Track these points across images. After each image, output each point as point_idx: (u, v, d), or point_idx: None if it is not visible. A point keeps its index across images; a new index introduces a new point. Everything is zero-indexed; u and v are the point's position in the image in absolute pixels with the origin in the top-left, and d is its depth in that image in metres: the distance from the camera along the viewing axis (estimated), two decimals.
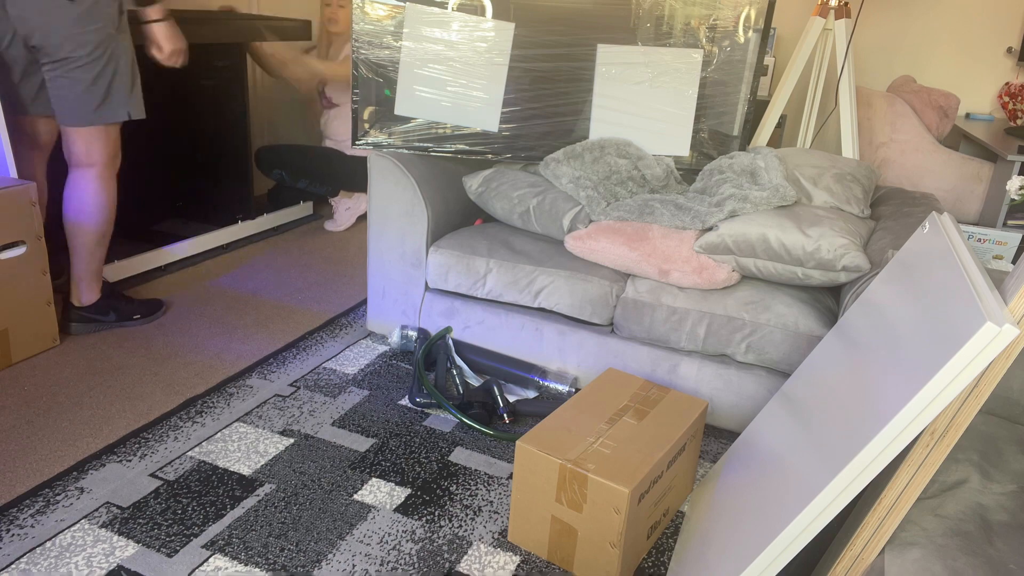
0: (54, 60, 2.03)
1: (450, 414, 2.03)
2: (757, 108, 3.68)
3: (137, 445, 1.84)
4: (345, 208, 3.51)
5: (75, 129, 2.13)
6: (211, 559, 1.50)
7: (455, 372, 2.14)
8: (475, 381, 2.16)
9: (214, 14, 3.00)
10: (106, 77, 2.10)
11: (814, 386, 1.48)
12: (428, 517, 1.66)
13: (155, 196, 3.33)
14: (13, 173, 2.16)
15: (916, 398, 1.00)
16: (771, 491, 1.29)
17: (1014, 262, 2.62)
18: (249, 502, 1.66)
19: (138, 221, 3.16)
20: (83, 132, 2.14)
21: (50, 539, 1.53)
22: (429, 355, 2.22)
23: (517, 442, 1.52)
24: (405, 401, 2.10)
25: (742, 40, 2.34)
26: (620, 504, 1.41)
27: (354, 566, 1.51)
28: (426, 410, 2.06)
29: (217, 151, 3.26)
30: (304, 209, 3.61)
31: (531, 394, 2.16)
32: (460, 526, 1.64)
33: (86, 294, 2.35)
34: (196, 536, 1.56)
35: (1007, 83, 3.83)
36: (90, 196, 2.21)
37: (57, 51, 2.01)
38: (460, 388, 2.10)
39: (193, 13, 3.00)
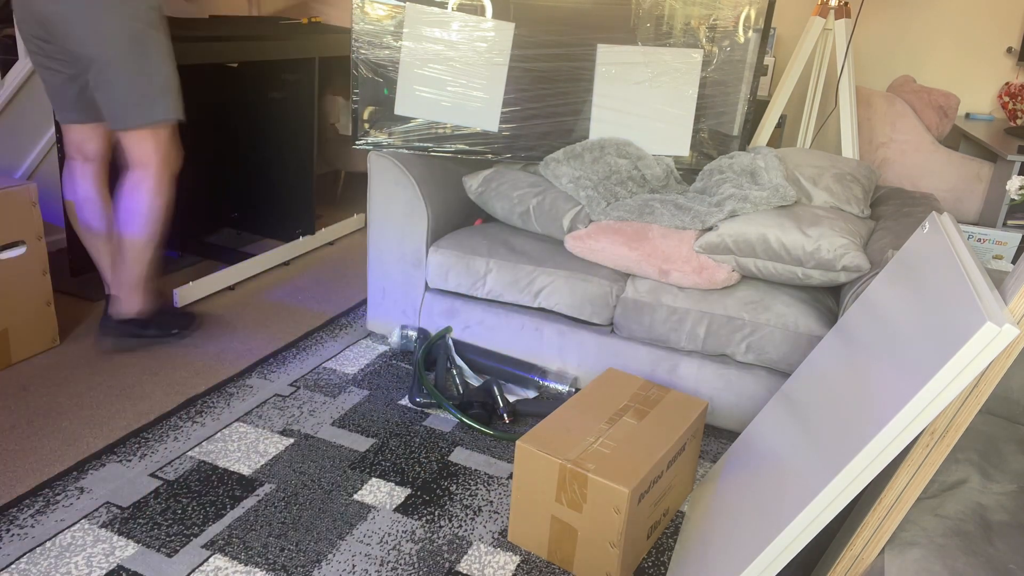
0: (90, 61, 1.94)
1: (450, 414, 2.03)
2: (757, 108, 3.68)
3: (137, 445, 1.84)
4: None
5: (124, 132, 2.05)
6: (211, 559, 1.50)
7: (455, 372, 2.14)
8: (475, 381, 2.16)
9: (286, 28, 2.94)
10: (144, 76, 2.00)
11: (814, 386, 1.47)
12: (428, 517, 1.66)
13: (210, 205, 3.28)
14: None
15: (916, 398, 1.00)
16: (771, 491, 1.29)
17: (1014, 262, 2.62)
18: (249, 502, 1.66)
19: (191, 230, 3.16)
20: (132, 135, 2.05)
21: (50, 539, 1.53)
22: (429, 355, 2.22)
23: (517, 442, 1.52)
24: (405, 401, 2.10)
25: (742, 40, 2.34)
26: (620, 504, 1.41)
27: (354, 566, 1.51)
28: (426, 410, 2.06)
29: (280, 165, 3.20)
30: (357, 222, 3.57)
31: (531, 394, 2.16)
32: (460, 526, 1.64)
33: (128, 303, 2.22)
34: (196, 536, 1.56)
35: (1007, 83, 3.83)
36: (141, 198, 2.11)
37: (90, 51, 1.93)
38: (460, 388, 2.10)
39: (260, 20, 2.99)
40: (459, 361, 2.18)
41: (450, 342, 2.22)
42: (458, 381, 2.12)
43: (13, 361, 2.16)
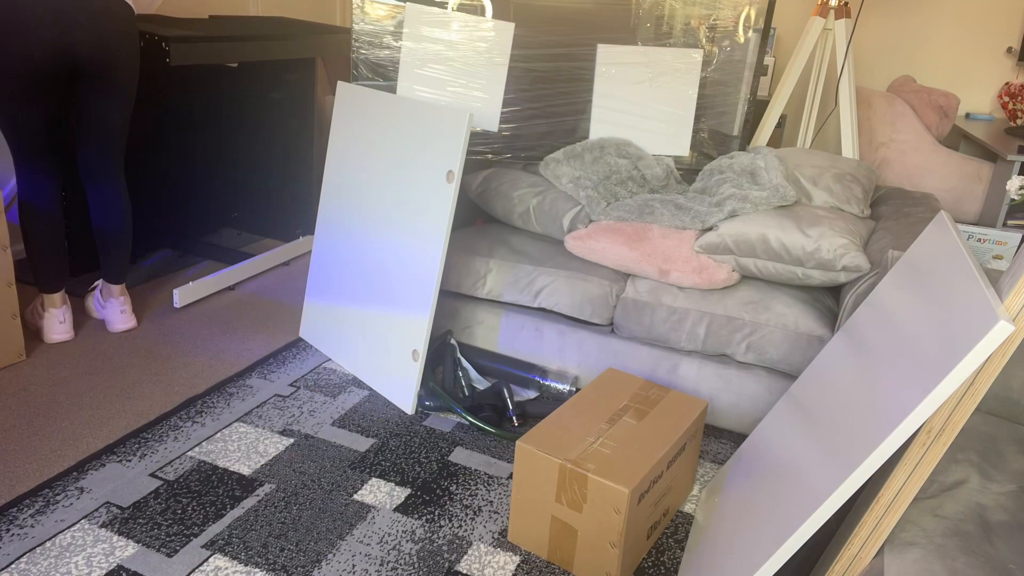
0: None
1: (456, 416, 2.03)
2: (757, 108, 3.68)
3: (137, 445, 1.84)
4: (120, 310, 2.38)
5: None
6: (211, 559, 1.50)
7: (461, 375, 2.14)
8: (481, 384, 2.15)
9: (286, 30, 2.94)
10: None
11: (823, 389, 1.47)
12: (428, 517, 1.66)
13: (210, 205, 3.28)
14: None
15: (929, 398, 0.99)
16: (781, 495, 1.28)
17: None
18: (249, 502, 1.67)
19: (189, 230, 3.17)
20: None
21: (50, 539, 1.53)
22: (434, 358, 2.22)
23: (517, 442, 1.52)
24: None
25: (742, 40, 2.34)
26: (620, 504, 1.41)
27: (354, 566, 1.51)
28: (427, 411, 2.06)
29: (281, 165, 3.19)
30: None
31: (531, 394, 2.16)
32: (460, 526, 1.64)
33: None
34: (196, 536, 1.56)
35: (1007, 83, 3.83)
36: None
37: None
38: (466, 391, 2.10)
39: (259, 20, 2.98)
40: (465, 363, 2.18)
41: (455, 344, 2.22)
42: (464, 384, 2.12)
43: None
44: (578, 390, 2.16)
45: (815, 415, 1.39)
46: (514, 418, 2.01)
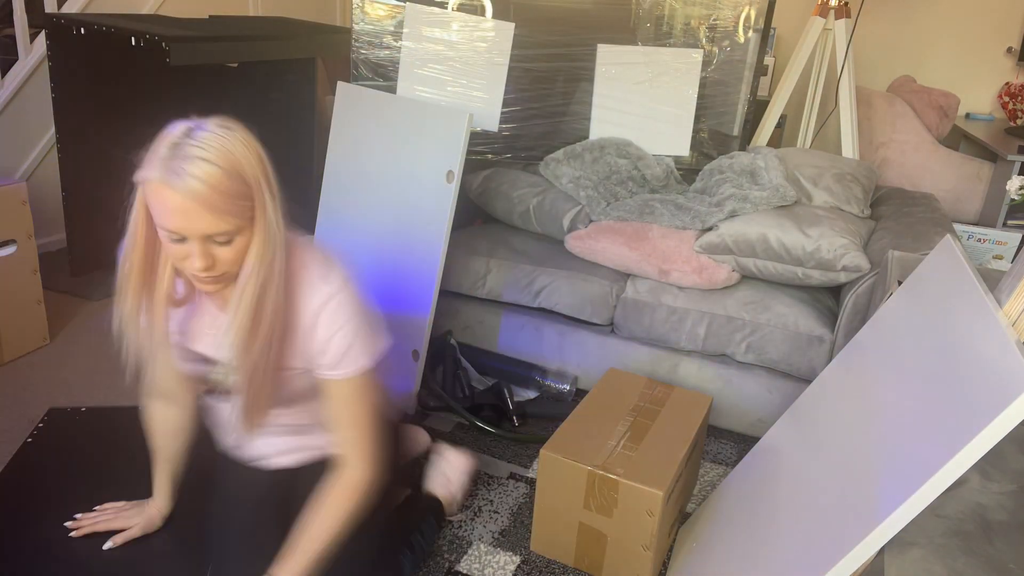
0: None
1: (456, 415, 2.03)
2: (757, 108, 3.67)
3: None
4: None
5: None
6: None
7: (461, 374, 2.14)
8: (481, 384, 2.15)
9: (286, 30, 2.94)
10: None
11: (832, 420, 1.37)
12: None
13: None
14: None
15: (951, 462, 0.93)
16: (787, 546, 1.20)
17: (1014, 262, 2.61)
18: None
19: None
20: None
21: None
22: (434, 358, 2.22)
23: (541, 450, 1.50)
24: None
25: (742, 40, 2.34)
26: (654, 506, 1.40)
27: None
28: (427, 411, 2.06)
29: (280, 165, 3.17)
30: None
31: (531, 394, 2.16)
32: (460, 526, 1.64)
33: None
34: None
35: (1007, 83, 3.83)
36: None
37: None
38: (466, 391, 2.10)
39: (259, 20, 2.98)
40: (465, 363, 2.17)
41: (455, 344, 2.22)
42: (464, 384, 2.12)
43: (4, 360, 2.15)
44: (578, 390, 2.16)
45: (824, 455, 1.29)
46: (514, 418, 2.01)
